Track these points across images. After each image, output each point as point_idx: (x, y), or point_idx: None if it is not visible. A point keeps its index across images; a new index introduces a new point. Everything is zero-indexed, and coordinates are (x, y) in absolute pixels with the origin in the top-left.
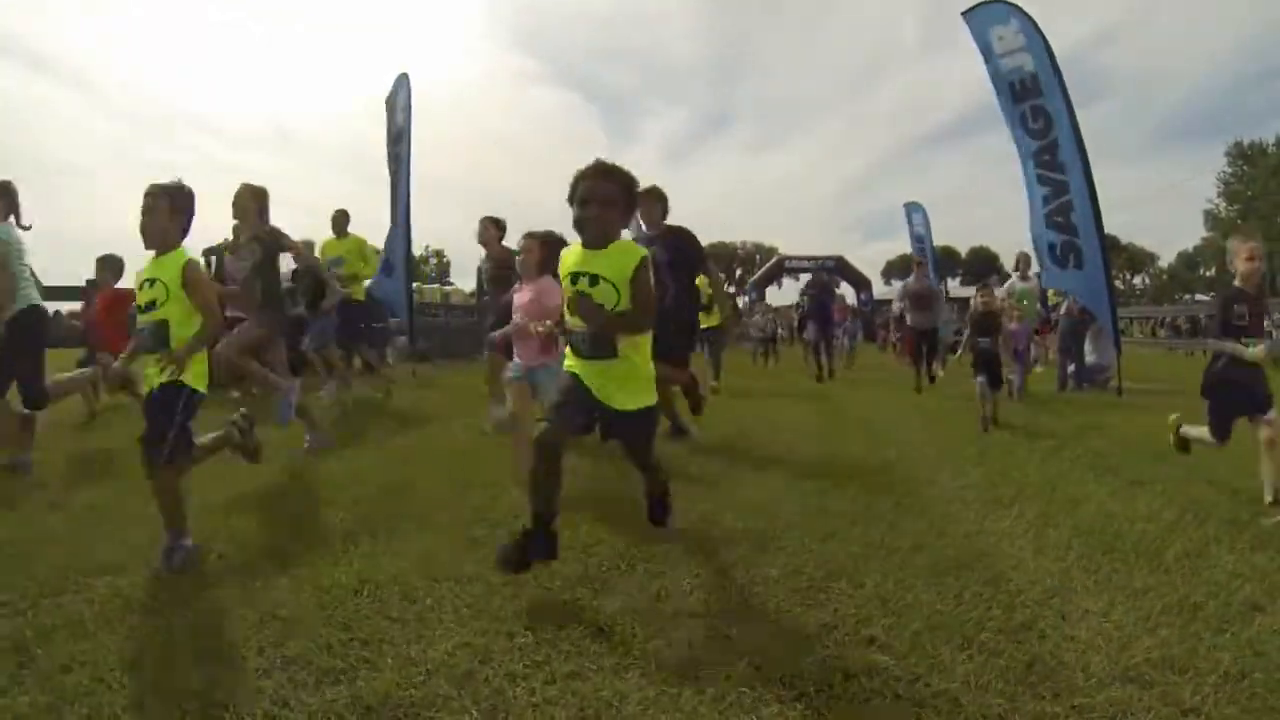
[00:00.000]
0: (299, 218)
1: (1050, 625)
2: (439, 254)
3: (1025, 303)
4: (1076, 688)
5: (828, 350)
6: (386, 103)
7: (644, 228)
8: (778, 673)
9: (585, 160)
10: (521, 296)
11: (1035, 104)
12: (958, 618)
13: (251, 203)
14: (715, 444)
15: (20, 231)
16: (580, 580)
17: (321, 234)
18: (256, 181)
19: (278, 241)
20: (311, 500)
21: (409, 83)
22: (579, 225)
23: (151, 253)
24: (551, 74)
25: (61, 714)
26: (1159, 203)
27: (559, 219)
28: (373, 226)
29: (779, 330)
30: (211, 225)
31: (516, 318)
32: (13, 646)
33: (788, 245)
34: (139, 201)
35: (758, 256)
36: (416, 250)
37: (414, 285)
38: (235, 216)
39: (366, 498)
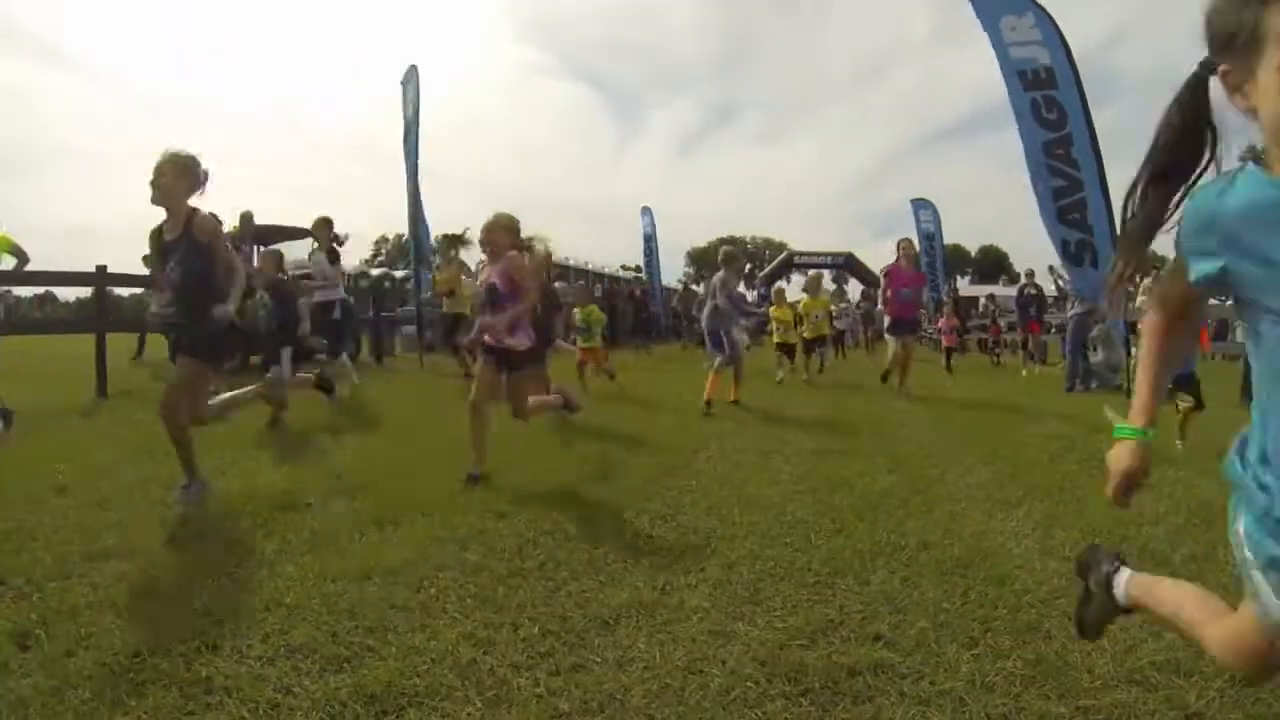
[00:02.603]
0: (307, 208)
1: (1056, 626)
2: None
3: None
4: (1082, 689)
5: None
6: (402, 86)
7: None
8: (782, 668)
9: (594, 152)
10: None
11: (1048, 95)
12: (964, 616)
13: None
14: (721, 440)
15: None
16: (585, 572)
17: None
18: (262, 170)
19: None
20: (317, 490)
21: (417, 75)
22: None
23: None
24: (560, 66)
25: (65, 698)
26: None
27: (566, 208)
28: (379, 215)
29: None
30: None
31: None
32: (17, 630)
33: (796, 241)
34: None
35: (766, 252)
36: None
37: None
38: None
39: (372, 487)
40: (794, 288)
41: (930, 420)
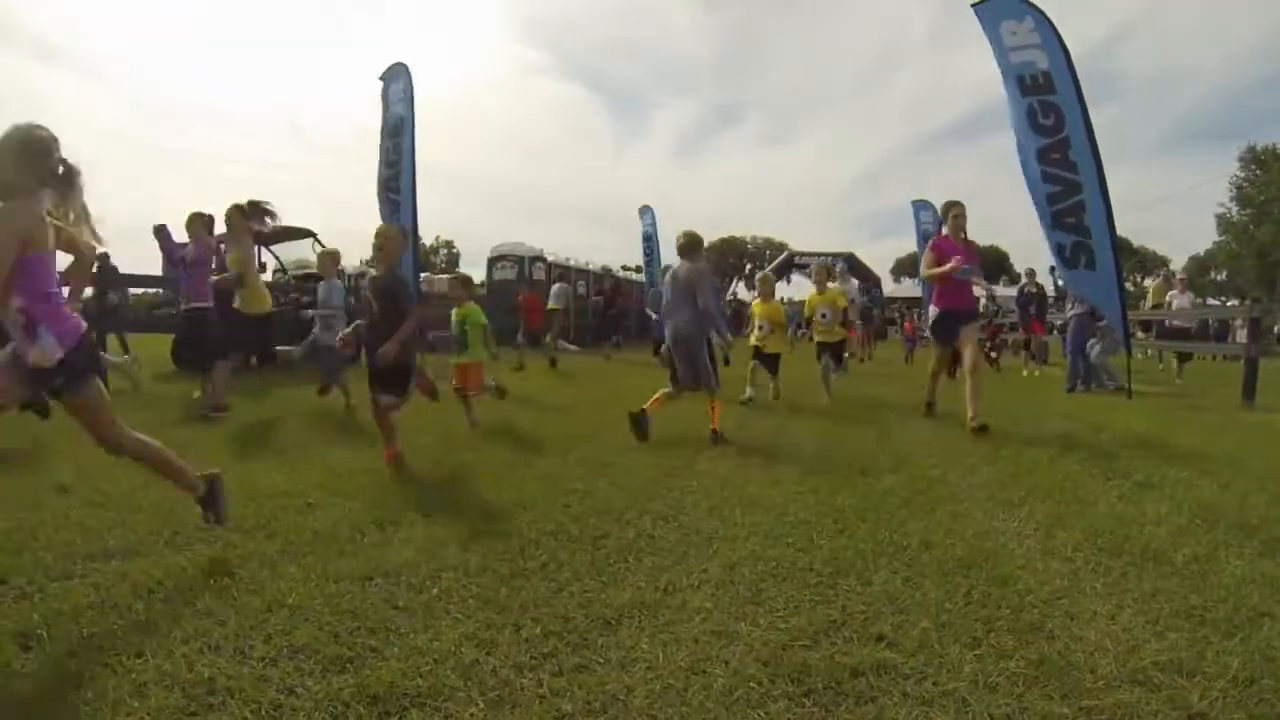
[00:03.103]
0: (308, 208)
1: (1059, 626)
2: (449, 244)
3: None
4: (1085, 689)
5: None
6: (382, 89)
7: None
8: (785, 669)
9: (594, 152)
10: None
11: (1045, 100)
12: (966, 617)
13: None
14: (725, 441)
15: None
16: (587, 573)
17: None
18: (263, 171)
19: None
20: (320, 491)
21: (408, 73)
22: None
23: None
24: (559, 66)
25: (68, 698)
26: (1171, 206)
27: (566, 208)
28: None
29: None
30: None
31: None
32: (19, 630)
33: (796, 242)
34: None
35: (768, 252)
36: (426, 240)
37: (423, 275)
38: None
39: (374, 488)
40: (794, 290)
41: (932, 420)
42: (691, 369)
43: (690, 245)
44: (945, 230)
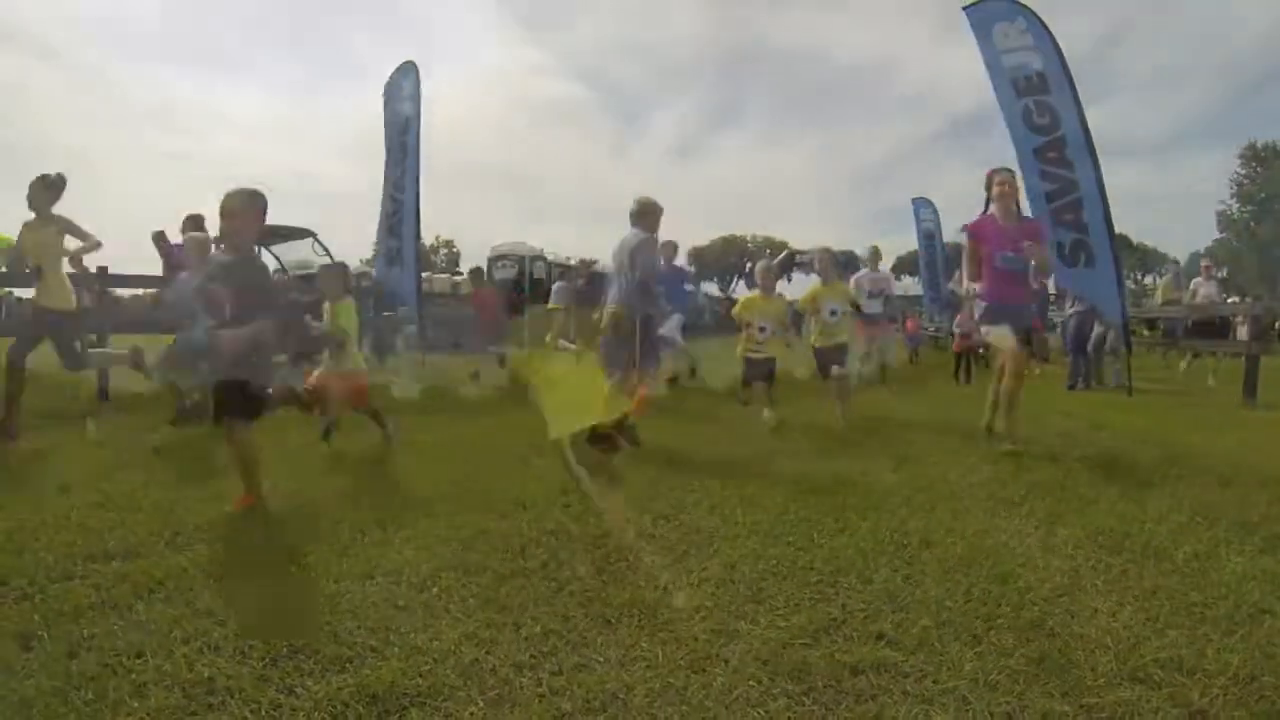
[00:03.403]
0: (305, 208)
1: (1059, 624)
2: (449, 244)
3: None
4: (1085, 687)
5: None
6: (385, 91)
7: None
8: (785, 667)
9: (594, 151)
10: None
11: (1040, 100)
12: (967, 614)
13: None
14: (725, 440)
15: None
16: (587, 572)
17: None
18: (265, 171)
19: None
20: (320, 490)
21: (416, 71)
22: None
23: None
24: (558, 66)
25: (68, 699)
26: (1171, 203)
27: (568, 208)
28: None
29: None
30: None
31: None
32: (20, 631)
33: (796, 241)
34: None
35: (768, 250)
36: (427, 240)
37: (423, 275)
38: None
39: (374, 488)
40: (795, 290)
41: (932, 418)
42: (613, 351)
43: (641, 212)
44: (993, 208)
